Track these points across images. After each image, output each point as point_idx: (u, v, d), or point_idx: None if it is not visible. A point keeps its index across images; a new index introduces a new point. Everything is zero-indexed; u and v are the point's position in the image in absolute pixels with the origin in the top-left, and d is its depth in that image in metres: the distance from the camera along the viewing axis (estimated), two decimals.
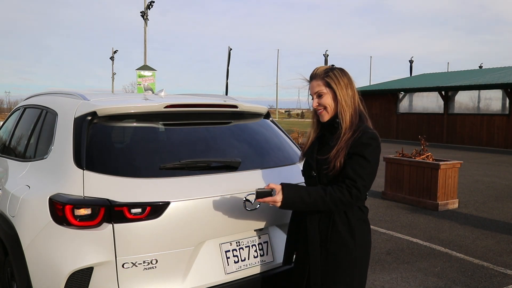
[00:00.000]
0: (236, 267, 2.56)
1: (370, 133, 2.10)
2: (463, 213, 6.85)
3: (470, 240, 5.44)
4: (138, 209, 2.26)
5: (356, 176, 2.04)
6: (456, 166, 7.31)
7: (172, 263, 2.36)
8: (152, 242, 2.30)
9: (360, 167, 2.05)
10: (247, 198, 2.55)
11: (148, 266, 2.30)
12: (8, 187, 2.88)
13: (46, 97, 3.35)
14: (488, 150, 17.59)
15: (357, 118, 2.16)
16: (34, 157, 2.92)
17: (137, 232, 2.26)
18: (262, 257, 2.68)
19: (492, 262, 4.67)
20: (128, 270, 2.27)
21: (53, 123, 2.82)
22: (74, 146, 2.46)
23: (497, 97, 18.93)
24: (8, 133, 3.83)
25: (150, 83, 22.90)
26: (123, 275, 2.26)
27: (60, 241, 2.26)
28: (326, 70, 2.20)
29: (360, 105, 2.22)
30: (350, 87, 2.18)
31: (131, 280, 2.28)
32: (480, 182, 9.69)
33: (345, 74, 2.20)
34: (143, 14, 26.05)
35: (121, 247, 2.25)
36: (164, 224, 2.32)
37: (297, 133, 12.05)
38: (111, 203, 2.24)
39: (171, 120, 2.78)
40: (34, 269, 2.35)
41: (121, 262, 2.25)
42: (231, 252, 2.58)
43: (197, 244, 2.45)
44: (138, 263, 2.28)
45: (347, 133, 2.10)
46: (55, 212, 2.27)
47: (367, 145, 2.06)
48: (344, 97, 2.15)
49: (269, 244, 2.74)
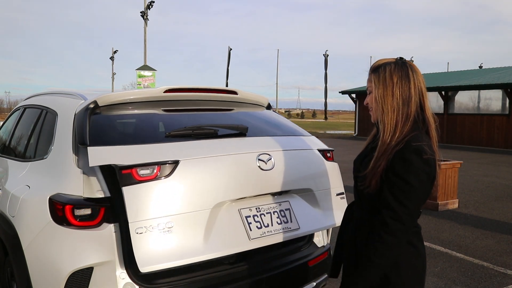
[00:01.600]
0: (259, 232, 2.45)
1: (415, 146, 1.64)
2: (463, 213, 6.84)
3: (470, 240, 5.44)
4: (147, 170, 2.19)
5: (395, 204, 1.63)
6: (456, 166, 7.30)
7: (189, 227, 2.23)
8: (165, 204, 2.19)
9: (400, 192, 1.63)
10: (260, 157, 2.47)
11: (163, 230, 2.16)
12: (8, 187, 2.88)
13: (46, 97, 3.35)
14: (488, 150, 17.59)
15: (408, 125, 1.71)
16: (34, 157, 2.93)
17: (147, 194, 2.17)
18: (286, 224, 2.57)
19: (492, 262, 4.67)
20: (142, 235, 2.12)
21: (53, 123, 2.83)
22: (77, 132, 2.42)
23: (497, 97, 18.93)
24: (8, 133, 3.83)
25: (150, 83, 22.92)
26: (138, 241, 2.11)
27: (60, 241, 2.26)
28: (380, 64, 1.83)
29: (422, 109, 1.77)
30: (399, 86, 1.74)
31: (147, 246, 2.11)
32: (480, 182, 9.69)
33: (399, 70, 1.76)
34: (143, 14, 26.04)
35: (133, 211, 2.13)
36: (175, 184, 2.23)
37: None
38: (118, 166, 2.17)
39: (172, 106, 2.78)
40: (34, 269, 2.35)
41: (133, 228, 2.12)
42: (252, 217, 2.47)
43: (214, 206, 2.34)
44: (152, 227, 2.14)
45: (387, 143, 1.70)
46: (55, 212, 2.27)
47: (408, 162, 1.63)
48: (383, 98, 1.76)
49: (292, 211, 2.65)
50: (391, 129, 1.71)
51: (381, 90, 1.76)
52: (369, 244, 1.68)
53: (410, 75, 1.75)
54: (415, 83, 1.76)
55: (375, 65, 1.84)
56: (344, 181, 3.26)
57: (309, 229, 2.73)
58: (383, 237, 1.64)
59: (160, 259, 2.13)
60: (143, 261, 2.09)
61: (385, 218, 1.64)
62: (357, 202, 1.90)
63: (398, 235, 1.64)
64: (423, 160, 1.63)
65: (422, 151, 1.63)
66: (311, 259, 2.95)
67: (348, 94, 25.76)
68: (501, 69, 23.32)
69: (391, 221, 1.63)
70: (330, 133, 32.17)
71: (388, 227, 1.63)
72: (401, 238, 1.65)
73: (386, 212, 1.65)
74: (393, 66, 1.77)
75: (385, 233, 1.64)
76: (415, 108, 1.75)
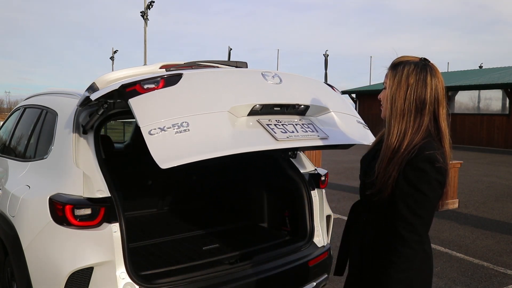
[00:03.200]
0: (285, 136, 2.28)
1: (428, 155, 1.56)
2: (463, 213, 6.84)
3: (470, 240, 5.44)
4: (151, 84, 2.10)
5: (409, 215, 1.56)
6: (456, 166, 7.30)
7: (208, 127, 2.09)
8: (176, 108, 2.09)
9: (414, 202, 1.56)
10: (264, 73, 2.38)
11: (179, 129, 2.01)
12: (8, 187, 2.88)
13: (46, 97, 3.36)
14: (488, 150, 17.59)
15: (419, 135, 1.62)
16: (34, 157, 2.93)
17: (155, 101, 2.07)
18: (312, 132, 2.41)
19: (492, 262, 4.67)
20: (156, 136, 1.96)
21: (53, 123, 2.83)
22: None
23: (497, 97, 18.93)
24: (8, 133, 3.83)
25: None
26: (153, 142, 1.93)
27: (60, 241, 2.26)
28: (400, 61, 1.72)
29: (436, 119, 1.68)
30: (413, 90, 1.63)
31: (163, 145, 1.95)
32: (480, 182, 9.69)
33: (417, 73, 1.65)
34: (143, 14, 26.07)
35: (142, 117, 2.00)
36: (183, 92, 2.14)
37: None
38: (122, 85, 2.09)
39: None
40: (34, 269, 2.35)
41: (146, 131, 1.96)
42: (274, 125, 2.32)
43: (231, 110, 2.19)
44: (166, 127, 1.99)
45: (394, 150, 1.62)
46: (55, 212, 2.27)
47: (422, 171, 1.56)
48: (394, 98, 1.66)
49: (315, 126, 2.49)
50: (400, 135, 1.63)
51: (394, 90, 1.66)
52: (386, 260, 1.61)
53: (428, 80, 1.64)
54: (432, 89, 1.65)
55: (396, 61, 1.74)
56: (344, 181, 3.26)
57: (340, 140, 2.52)
58: (400, 251, 1.57)
59: (179, 156, 1.95)
60: (161, 159, 1.89)
61: (400, 231, 1.58)
62: (364, 204, 1.85)
63: (414, 246, 1.57)
64: (436, 168, 1.56)
65: (435, 159, 1.56)
66: (311, 259, 2.95)
67: (348, 94, 25.75)
68: (501, 69, 23.32)
69: (407, 234, 1.57)
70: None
71: (404, 239, 1.57)
72: (417, 249, 1.59)
73: (400, 224, 1.58)
74: (412, 67, 1.66)
75: (402, 246, 1.57)
76: (428, 118, 1.65)
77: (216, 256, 2.93)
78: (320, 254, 3.03)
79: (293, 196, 3.28)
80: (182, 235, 3.49)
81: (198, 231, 3.60)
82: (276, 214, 3.61)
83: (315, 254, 3.00)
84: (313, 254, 2.99)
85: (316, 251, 3.04)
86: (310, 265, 2.93)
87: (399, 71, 1.67)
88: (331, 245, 3.30)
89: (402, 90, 1.65)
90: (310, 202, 3.18)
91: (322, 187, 3.33)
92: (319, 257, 3.01)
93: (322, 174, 3.32)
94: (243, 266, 2.68)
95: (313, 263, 2.95)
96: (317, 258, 2.99)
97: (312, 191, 3.21)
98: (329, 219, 3.38)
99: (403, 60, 1.71)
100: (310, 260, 2.94)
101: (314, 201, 3.20)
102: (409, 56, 1.73)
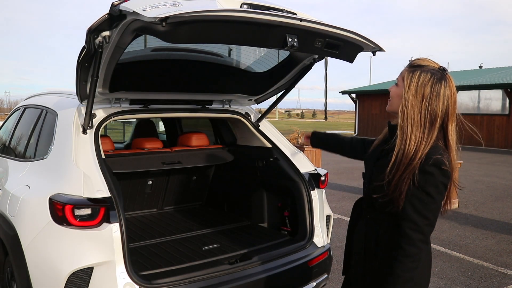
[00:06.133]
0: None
1: (435, 159, 1.62)
2: (463, 213, 6.84)
3: (470, 240, 5.44)
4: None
5: (415, 216, 1.63)
6: (456, 166, 7.29)
7: (198, 3, 2.06)
8: None
9: (420, 203, 1.63)
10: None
11: (172, 5, 1.95)
12: (8, 187, 2.88)
13: (46, 97, 3.36)
14: (488, 150, 17.59)
15: (429, 146, 1.66)
16: (34, 157, 2.93)
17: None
18: None
19: (492, 262, 4.67)
20: (150, 10, 1.91)
21: (53, 123, 2.83)
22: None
23: (497, 97, 18.93)
24: (8, 133, 3.83)
25: None
26: (147, 12, 1.90)
27: (60, 241, 2.26)
28: (420, 65, 1.72)
29: (445, 135, 1.72)
30: (428, 101, 1.66)
31: (158, 10, 1.92)
32: (480, 182, 9.69)
33: (433, 84, 1.66)
34: None
35: (135, 5, 1.96)
36: None
37: (297, 133, 12.00)
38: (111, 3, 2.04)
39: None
40: (34, 269, 2.35)
41: (140, 9, 1.93)
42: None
43: None
44: (160, 5, 1.96)
45: (411, 159, 1.64)
46: (55, 212, 2.27)
47: (429, 174, 1.63)
48: (410, 104, 1.68)
49: None
50: (417, 143, 1.65)
51: (410, 95, 1.68)
52: (392, 259, 1.66)
53: (442, 92, 1.67)
54: (444, 101, 1.67)
55: (415, 62, 1.74)
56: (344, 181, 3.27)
57: None
58: (405, 249, 1.63)
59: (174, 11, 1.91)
60: (157, 15, 1.86)
61: (405, 230, 1.63)
62: (368, 202, 1.87)
63: (419, 245, 1.63)
64: (442, 172, 1.63)
65: (442, 163, 1.63)
66: (311, 259, 2.95)
67: (348, 94, 25.73)
68: (501, 69, 23.32)
69: (412, 232, 1.63)
70: (330, 133, 32.11)
71: (409, 238, 1.63)
72: (422, 248, 1.65)
73: (406, 224, 1.64)
74: (428, 77, 1.67)
75: (407, 245, 1.63)
76: (437, 133, 1.68)
77: (216, 256, 2.93)
78: (320, 254, 3.03)
79: (293, 196, 3.29)
80: (182, 235, 3.49)
81: (198, 231, 3.60)
82: (276, 214, 3.61)
83: (315, 254, 3.00)
84: (313, 254, 2.99)
85: (316, 251, 3.04)
86: (310, 265, 2.93)
87: (415, 77, 1.68)
88: (331, 245, 3.30)
89: (417, 99, 1.67)
90: (310, 202, 3.18)
91: (322, 187, 3.33)
92: (319, 257, 3.01)
93: (322, 174, 3.33)
94: (243, 266, 2.69)
95: (313, 263, 2.95)
96: (317, 258, 3.00)
97: (312, 191, 3.21)
98: (329, 219, 3.39)
99: (422, 64, 1.71)
100: (310, 260, 2.94)
101: (314, 201, 3.20)
102: (429, 60, 1.74)
